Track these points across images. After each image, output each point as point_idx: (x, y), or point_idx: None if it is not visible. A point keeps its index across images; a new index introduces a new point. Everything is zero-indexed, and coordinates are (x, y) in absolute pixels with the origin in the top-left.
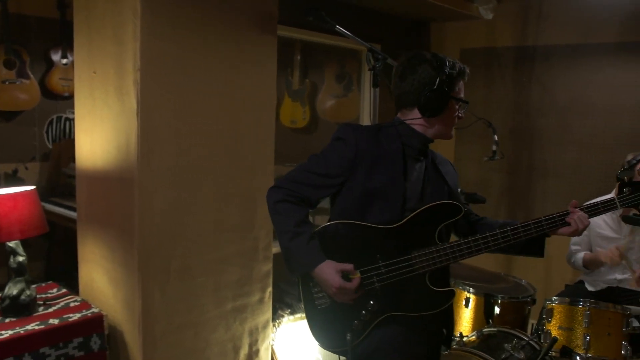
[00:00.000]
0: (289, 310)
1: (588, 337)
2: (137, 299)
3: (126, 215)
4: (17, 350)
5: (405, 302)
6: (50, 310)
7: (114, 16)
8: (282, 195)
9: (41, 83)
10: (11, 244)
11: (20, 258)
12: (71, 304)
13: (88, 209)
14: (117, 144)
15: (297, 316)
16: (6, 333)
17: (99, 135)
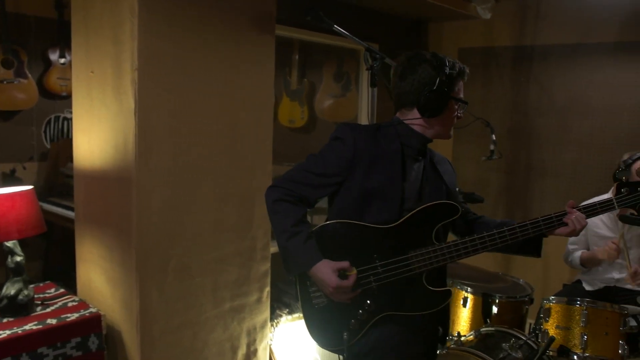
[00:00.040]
0: (287, 310)
1: (585, 337)
2: (135, 299)
3: (124, 214)
4: (15, 350)
5: (402, 302)
6: (48, 310)
7: (112, 16)
8: (280, 194)
9: (39, 83)
10: (9, 244)
11: (18, 258)
12: (69, 304)
13: (86, 209)
14: (115, 144)
15: (295, 316)
16: (4, 333)
17: (97, 134)
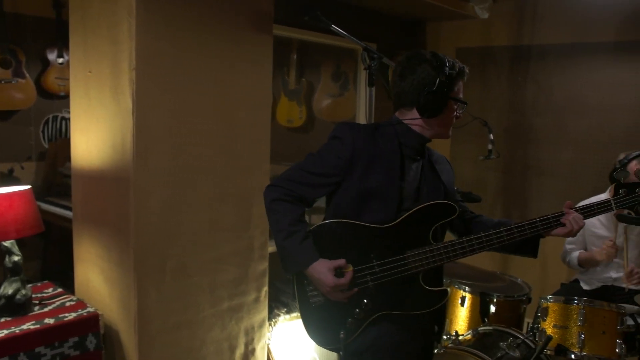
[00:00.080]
0: (285, 309)
1: (583, 336)
2: (133, 299)
3: (122, 214)
4: (13, 349)
5: (398, 301)
6: (45, 309)
7: (109, 15)
8: (279, 194)
9: (37, 82)
10: (7, 244)
11: (15, 257)
12: (67, 304)
13: (84, 209)
14: (113, 144)
15: (293, 315)
16: (1, 333)
17: (95, 134)
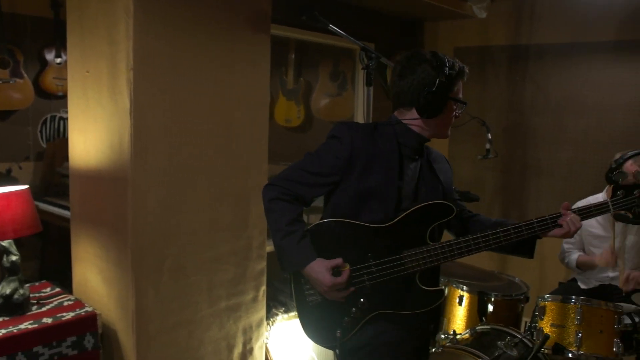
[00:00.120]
0: (283, 308)
1: (580, 335)
2: (131, 298)
3: (119, 214)
4: (11, 349)
5: (395, 301)
6: (43, 309)
7: (107, 16)
8: (277, 193)
9: (35, 82)
10: (4, 243)
11: (13, 257)
12: (65, 303)
13: (81, 208)
14: (111, 143)
15: (291, 314)
16: None
17: (93, 134)
